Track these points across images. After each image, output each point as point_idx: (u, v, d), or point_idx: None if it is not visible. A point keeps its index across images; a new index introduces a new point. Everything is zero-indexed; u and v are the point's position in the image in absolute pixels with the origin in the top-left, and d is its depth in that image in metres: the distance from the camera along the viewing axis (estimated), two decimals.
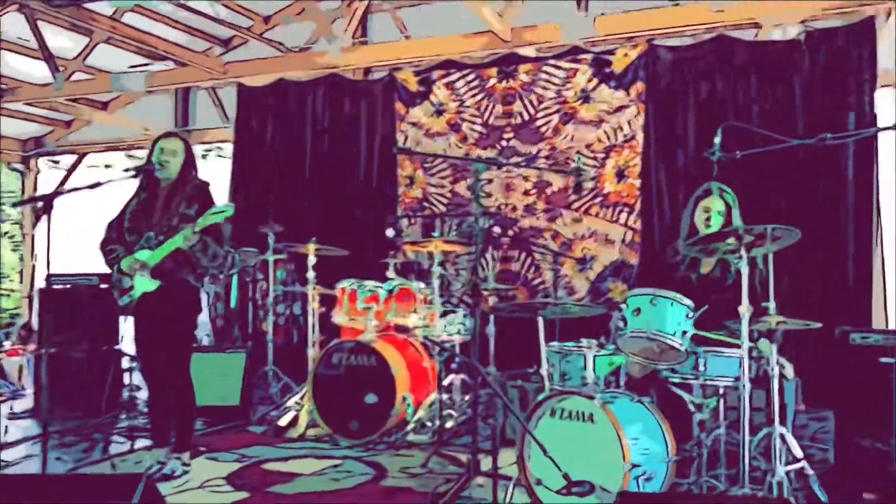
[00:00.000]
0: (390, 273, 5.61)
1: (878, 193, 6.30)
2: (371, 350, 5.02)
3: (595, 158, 7.03)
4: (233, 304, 6.81)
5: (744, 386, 3.21)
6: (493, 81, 7.43)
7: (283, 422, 5.34)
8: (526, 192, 7.25)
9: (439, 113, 7.62)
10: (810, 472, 3.39)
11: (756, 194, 6.37)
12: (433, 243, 5.22)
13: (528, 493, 3.54)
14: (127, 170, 4.07)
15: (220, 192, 7.73)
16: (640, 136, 6.90)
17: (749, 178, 6.39)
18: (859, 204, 6.25)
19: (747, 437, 3.21)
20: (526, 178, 7.26)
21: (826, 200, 6.36)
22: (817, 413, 5.02)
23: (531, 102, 7.26)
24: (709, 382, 3.50)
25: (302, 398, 5.43)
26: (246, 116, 8.42)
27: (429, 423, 5.05)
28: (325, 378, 5.14)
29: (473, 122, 7.48)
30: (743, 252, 3.21)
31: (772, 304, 3.42)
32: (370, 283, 5.37)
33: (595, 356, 3.71)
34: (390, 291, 5.26)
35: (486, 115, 7.42)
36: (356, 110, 7.98)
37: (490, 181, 7.37)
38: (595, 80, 7.06)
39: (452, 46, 7.58)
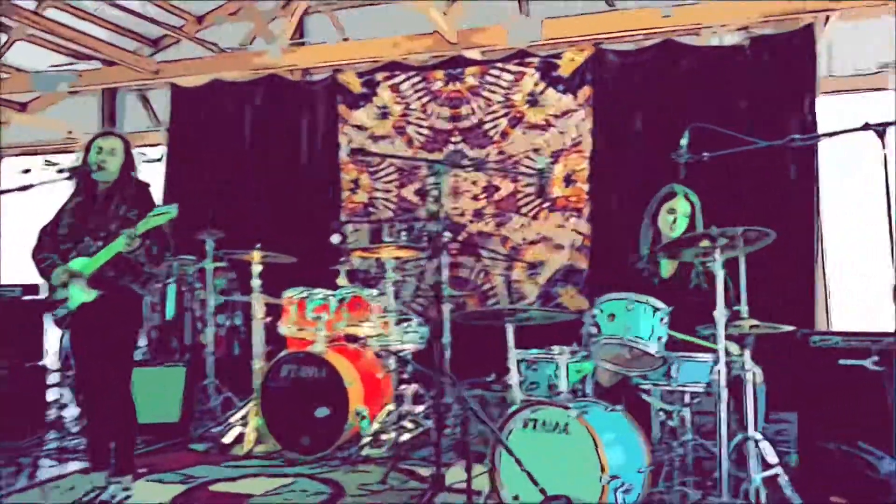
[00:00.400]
0: (341, 280, 5.39)
1: (818, 198, 6.40)
2: (322, 361, 4.79)
3: (544, 164, 6.94)
4: (169, 314, 6.44)
5: (719, 392, 3.11)
6: (439, 84, 7.28)
7: (227, 439, 5.06)
8: (474, 197, 7.12)
9: (384, 116, 7.43)
10: (785, 477, 3.32)
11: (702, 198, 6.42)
12: (384, 250, 5.01)
13: None
14: (62, 170, 3.76)
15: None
16: (588, 141, 6.84)
17: (696, 181, 6.43)
18: (801, 208, 6.31)
19: (724, 444, 3.11)
20: (474, 183, 7.12)
21: (769, 205, 6.40)
22: (776, 415, 5.01)
23: (479, 106, 7.14)
24: (680, 389, 3.40)
25: (246, 413, 5.16)
26: (180, 118, 8.05)
27: (384, 437, 4.84)
28: (274, 391, 4.89)
29: (420, 126, 7.31)
30: (717, 255, 3.12)
31: (744, 308, 3.36)
32: (319, 292, 5.14)
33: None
34: (341, 300, 5.03)
35: (433, 118, 7.26)
36: (297, 112, 7.71)
37: (437, 185, 7.19)
38: (542, 84, 6.99)
39: (397, 48, 7.43)
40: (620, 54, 6.87)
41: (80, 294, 3.80)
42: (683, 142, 3.57)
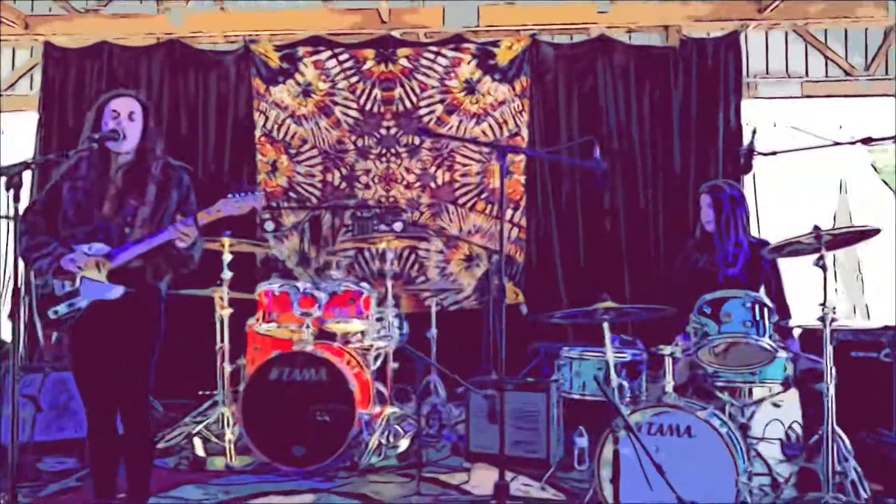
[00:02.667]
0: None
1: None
2: (323, 362, 4.35)
3: (481, 153, 6.81)
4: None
5: (827, 387, 3.16)
6: (370, 64, 6.89)
7: (199, 451, 4.45)
8: (408, 186, 6.83)
9: (307, 94, 6.91)
10: (859, 469, 3.46)
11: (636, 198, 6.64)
12: (383, 239, 4.66)
13: None
14: (91, 138, 3.07)
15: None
16: (525, 133, 6.80)
17: (625, 181, 6.63)
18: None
19: (831, 440, 3.18)
20: (409, 171, 6.83)
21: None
22: None
23: (413, 90, 6.85)
24: (759, 384, 3.44)
25: (203, 421, 4.61)
26: (55, 82, 6.99)
27: (383, 442, 4.49)
28: (258, 397, 4.36)
29: (347, 107, 6.88)
30: (825, 252, 3.17)
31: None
32: (301, 285, 4.66)
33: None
34: (333, 294, 4.59)
35: (363, 99, 6.87)
36: (204, 85, 6.97)
37: (368, 172, 6.84)
38: (479, 72, 6.84)
39: (319, 21, 6.96)
40: (556, 47, 6.89)
41: (97, 289, 3.14)
42: (751, 137, 3.54)
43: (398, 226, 6.25)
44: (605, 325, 3.45)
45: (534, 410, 4.44)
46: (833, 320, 3.16)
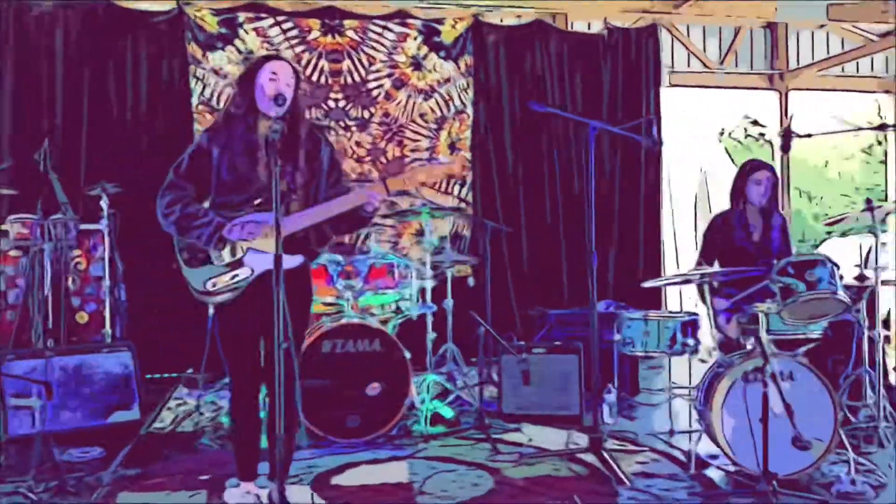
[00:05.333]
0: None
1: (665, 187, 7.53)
2: (376, 332, 4.34)
3: (429, 129, 6.93)
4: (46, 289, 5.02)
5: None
6: (315, 34, 6.74)
7: None
8: (359, 160, 6.79)
9: (248, 62, 6.60)
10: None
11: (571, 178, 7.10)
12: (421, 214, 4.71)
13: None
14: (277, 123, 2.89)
15: None
16: (470, 110, 7.01)
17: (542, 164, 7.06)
18: (649, 196, 7.33)
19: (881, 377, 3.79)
20: (359, 144, 6.79)
21: (623, 192, 7.30)
22: None
23: (361, 63, 6.80)
24: (800, 336, 3.97)
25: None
26: None
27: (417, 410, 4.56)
28: (312, 372, 4.28)
29: None
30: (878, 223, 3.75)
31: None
32: (338, 257, 4.60)
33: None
34: (371, 266, 4.57)
35: (310, 71, 6.71)
36: (133, 47, 6.44)
37: None
38: (426, 49, 6.94)
39: None
40: (496, 28, 7.15)
41: (266, 259, 2.98)
42: (788, 123, 4.06)
43: None
44: (706, 288, 3.82)
45: (566, 371, 4.74)
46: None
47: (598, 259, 3.92)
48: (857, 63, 8.66)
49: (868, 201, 3.79)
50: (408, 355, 4.35)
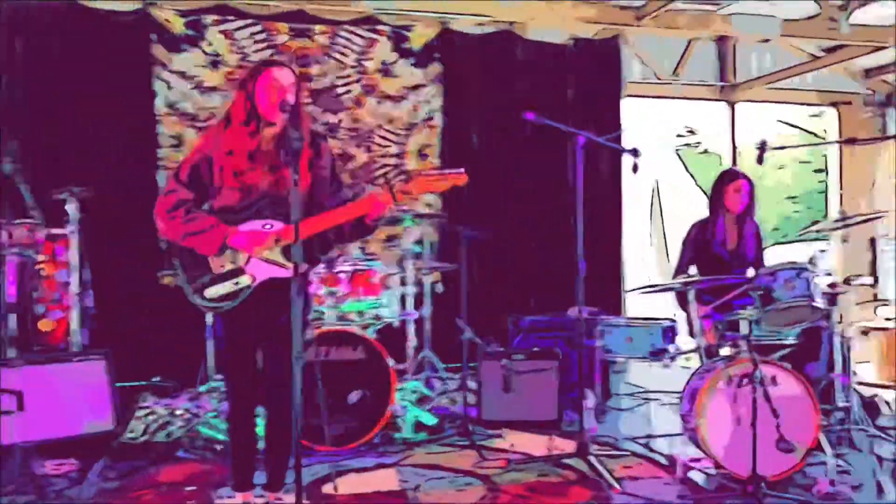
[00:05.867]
0: None
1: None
2: (359, 339, 4.32)
3: (398, 135, 6.93)
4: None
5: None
6: (284, 38, 6.67)
7: None
8: None
9: (215, 65, 6.53)
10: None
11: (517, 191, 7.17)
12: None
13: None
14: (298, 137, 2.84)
15: None
16: (439, 117, 7.03)
17: (510, 172, 7.14)
18: (609, 203, 7.45)
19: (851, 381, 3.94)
20: None
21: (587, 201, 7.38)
22: None
23: (330, 68, 6.76)
24: (787, 342, 4.11)
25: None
26: None
27: (399, 417, 4.56)
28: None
29: None
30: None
31: None
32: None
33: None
34: (355, 273, 4.55)
35: None
36: (95, 47, 6.28)
37: None
38: (395, 55, 6.94)
39: None
40: (464, 36, 7.19)
41: (269, 267, 2.95)
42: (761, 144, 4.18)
43: None
44: (691, 294, 3.91)
45: (545, 377, 4.79)
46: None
47: (565, 266, 3.98)
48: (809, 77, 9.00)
49: (842, 213, 3.95)
50: (391, 363, 4.33)
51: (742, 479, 3.52)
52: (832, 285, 3.96)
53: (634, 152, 4.14)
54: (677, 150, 13.24)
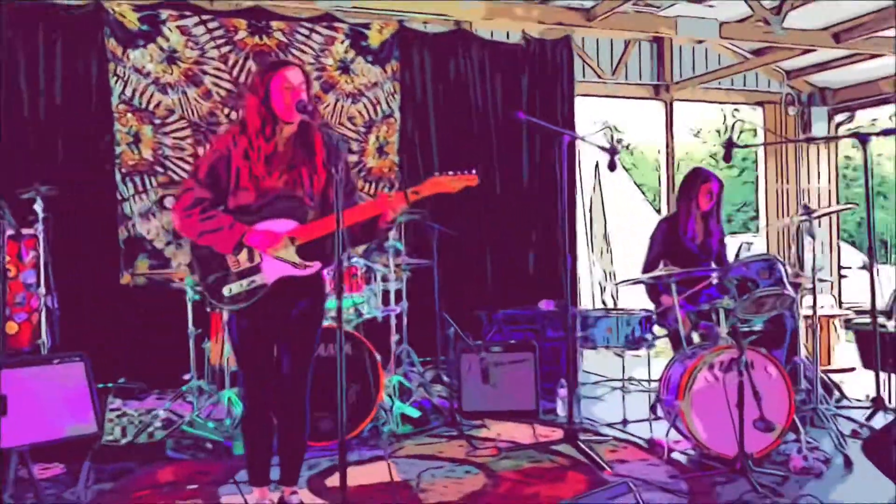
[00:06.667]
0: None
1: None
2: (348, 336, 4.37)
3: (357, 132, 6.96)
4: None
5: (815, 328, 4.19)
6: (242, 35, 6.62)
7: None
8: None
9: (172, 61, 6.43)
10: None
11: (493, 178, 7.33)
12: None
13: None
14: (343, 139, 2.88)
15: None
16: (398, 114, 7.10)
17: (467, 168, 7.24)
18: (567, 200, 7.63)
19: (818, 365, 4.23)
20: None
21: (542, 196, 7.60)
22: None
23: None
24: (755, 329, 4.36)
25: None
26: None
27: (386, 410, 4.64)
28: None
29: (219, 78, 6.55)
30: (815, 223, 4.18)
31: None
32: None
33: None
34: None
35: (236, 71, 6.58)
36: (48, 42, 6.10)
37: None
38: (353, 52, 6.97)
39: None
40: (421, 35, 7.28)
41: (283, 265, 2.98)
42: (733, 134, 4.43)
43: None
44: (673, 287, 4.11)
45: (523, 368, 4.94)
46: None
47: (516, 261, 4.07)
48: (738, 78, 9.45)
49: (805, 207, 4.22)
50: (379, 358, 4.40)
51: (723, 459, 3.74)
52: (794, 275, 4.23)
53: (612, 150, 4.31)
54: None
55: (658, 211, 11.05)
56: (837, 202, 10.44)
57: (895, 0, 7.14)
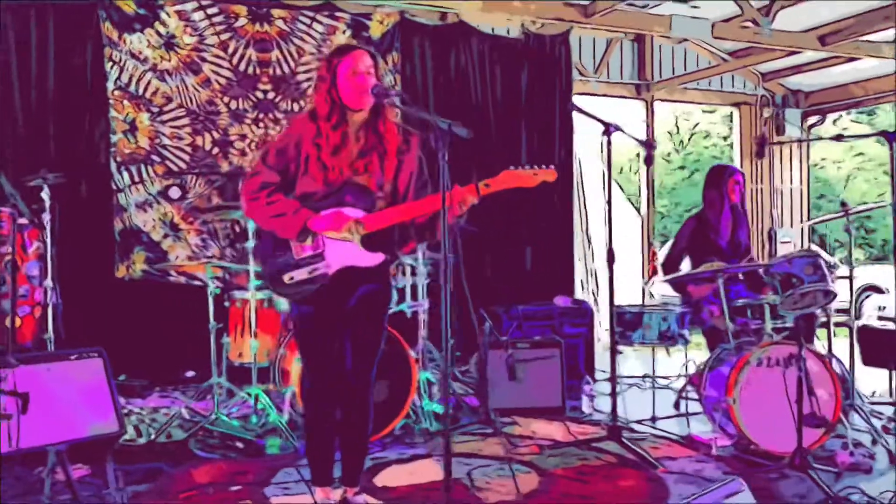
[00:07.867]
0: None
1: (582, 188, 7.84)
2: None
3: None
4: None
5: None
6: (242, 21, 6.40)
7: None
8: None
9: (170, 47, 6.19)
10: None
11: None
12: None
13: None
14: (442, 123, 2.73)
15: None
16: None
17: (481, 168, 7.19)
18: (562, 195, 7.62)
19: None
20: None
21: (542, 190, 7.54)
22: None
23: (290, 54, 6.55)
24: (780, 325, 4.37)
25: None
26: None
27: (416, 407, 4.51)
28: None
29: (219, 66, 6.32)
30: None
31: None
32: None
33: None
34: None
35: (236, 59, 6.37)
36: (41, 26, 5.81)
37: (244, 137, 6.40)
38: (354, 43, 6.80)
39: None
40: (422, 27, 7.15)
41: (348, 255, 2.84)
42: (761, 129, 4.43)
43: None
44: (720, 282, 4.07)
45: (549, 364, 4.87)
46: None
47: (515, 257, 3.94)
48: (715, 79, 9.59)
49: (843, 204, 4.24)
50: (412, 353, 4.28)
51: (770, 455, 3.72)
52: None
53: (649, 144, 4.26)
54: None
55: (638, 210, 11.09)
56: (809, 202, 10.69)
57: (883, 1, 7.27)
